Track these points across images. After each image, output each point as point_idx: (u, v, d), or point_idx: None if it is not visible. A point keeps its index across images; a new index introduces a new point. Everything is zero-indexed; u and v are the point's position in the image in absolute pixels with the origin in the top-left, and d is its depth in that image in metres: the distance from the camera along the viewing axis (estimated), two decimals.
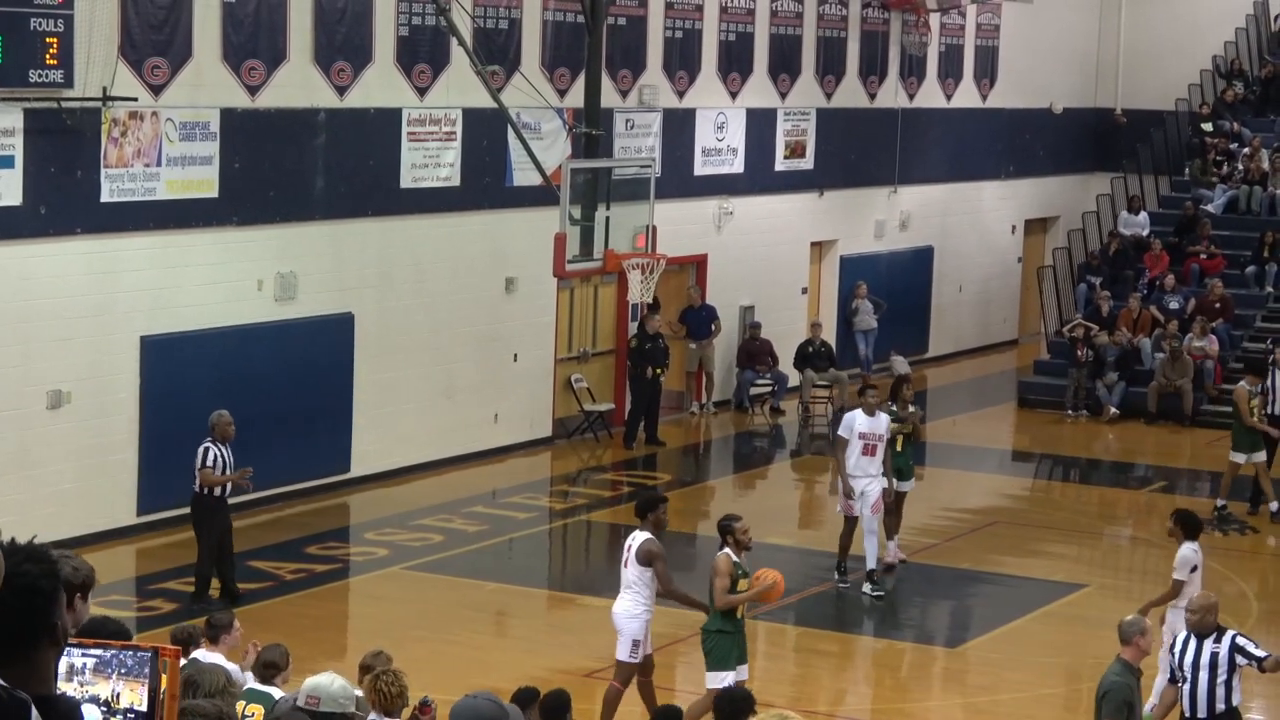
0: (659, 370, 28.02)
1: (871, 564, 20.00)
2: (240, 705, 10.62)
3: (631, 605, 15.40)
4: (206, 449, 18.95)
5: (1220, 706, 13.21)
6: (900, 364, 34.43)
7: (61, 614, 3.68)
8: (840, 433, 20.22)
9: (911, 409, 21.25)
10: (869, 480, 19.97)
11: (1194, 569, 16.07)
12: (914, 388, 21.88)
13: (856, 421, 20.00)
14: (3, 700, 3.35)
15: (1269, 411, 24.79)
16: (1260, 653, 13.33)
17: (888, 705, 17.60)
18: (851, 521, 20.21)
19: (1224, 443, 29.07)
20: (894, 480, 20.60)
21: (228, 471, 19.01)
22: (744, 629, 15.24)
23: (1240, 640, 13.34)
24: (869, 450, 19.96)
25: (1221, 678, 13.20)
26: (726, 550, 15.16)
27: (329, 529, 22.66)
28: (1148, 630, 12.93)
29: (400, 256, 24.68)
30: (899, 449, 20.81)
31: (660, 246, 23.64)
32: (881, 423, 20.08)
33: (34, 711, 3.40)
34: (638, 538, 15.47)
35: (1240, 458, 24.03)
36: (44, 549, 3.78)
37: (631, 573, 15.40)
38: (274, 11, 22.70)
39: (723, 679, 14.63)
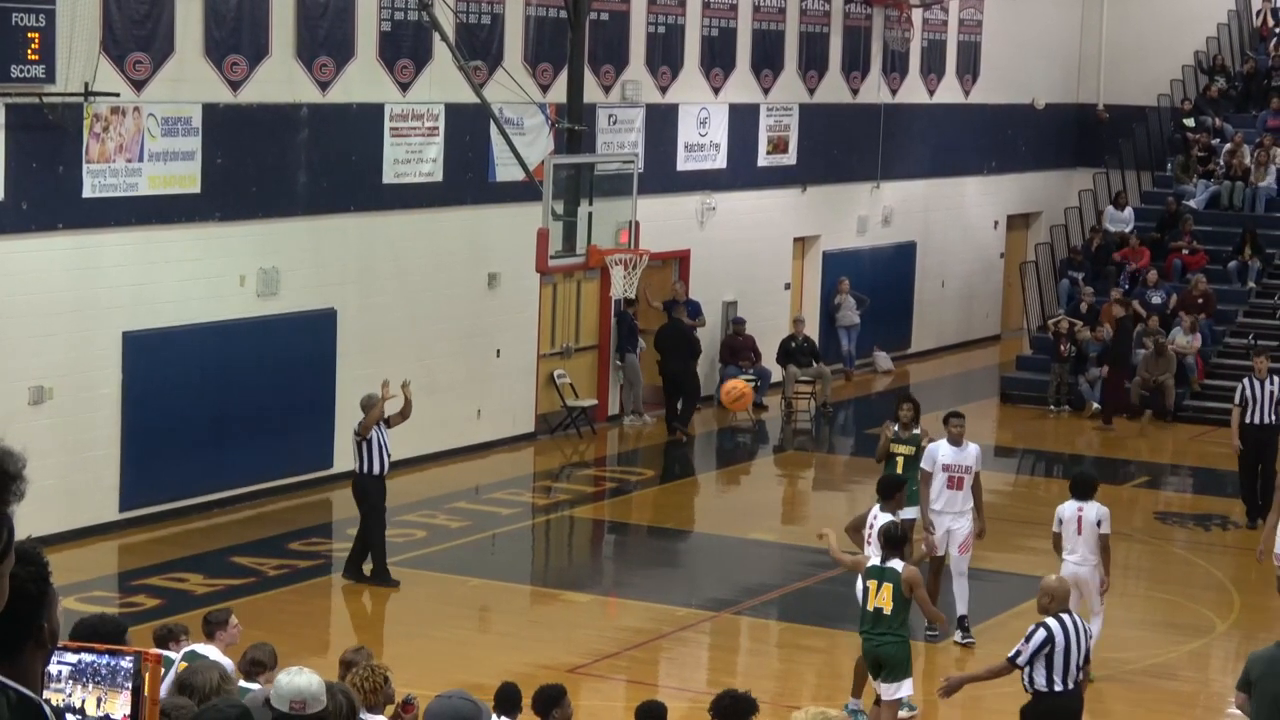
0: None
1: (962, 609, 18.45)
2: None
3: None
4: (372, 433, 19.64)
5: None
6: (883, 360, 34.49)
7: (50, 616, 3.65)
8: (923, 465, 18.56)
9: (917, 431, 19.46)
10: (954, 517, 18.43)
11: None
12: (915, 406, 19.84)
13: (940, 453, 18.45)
14: (12, 702, 3.34)
15: (1251, 421, 23.51)
16: None
17: (870, 701, 17.57)
18: (936, 562, 18.58)
19: (1206, 438, 29.17)
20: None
21: (385, 454, 19.68)
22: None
23: None
24: (955, 483, 18.37)
25: None
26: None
27: (312, 525, 22.64)
28: None
29: (383, 252, 24.66)
30: (899, 471, 18.91)
31: (643, 242, 23.65)
32: (969, 454, 18.47)
33: (49, 711, 3.37)
34: None
35: None
36: (36, 550, 3.75)
37: None
38: (256, 6, 22.67)
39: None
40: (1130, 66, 39.35)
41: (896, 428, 19.51)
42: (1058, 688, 13.50)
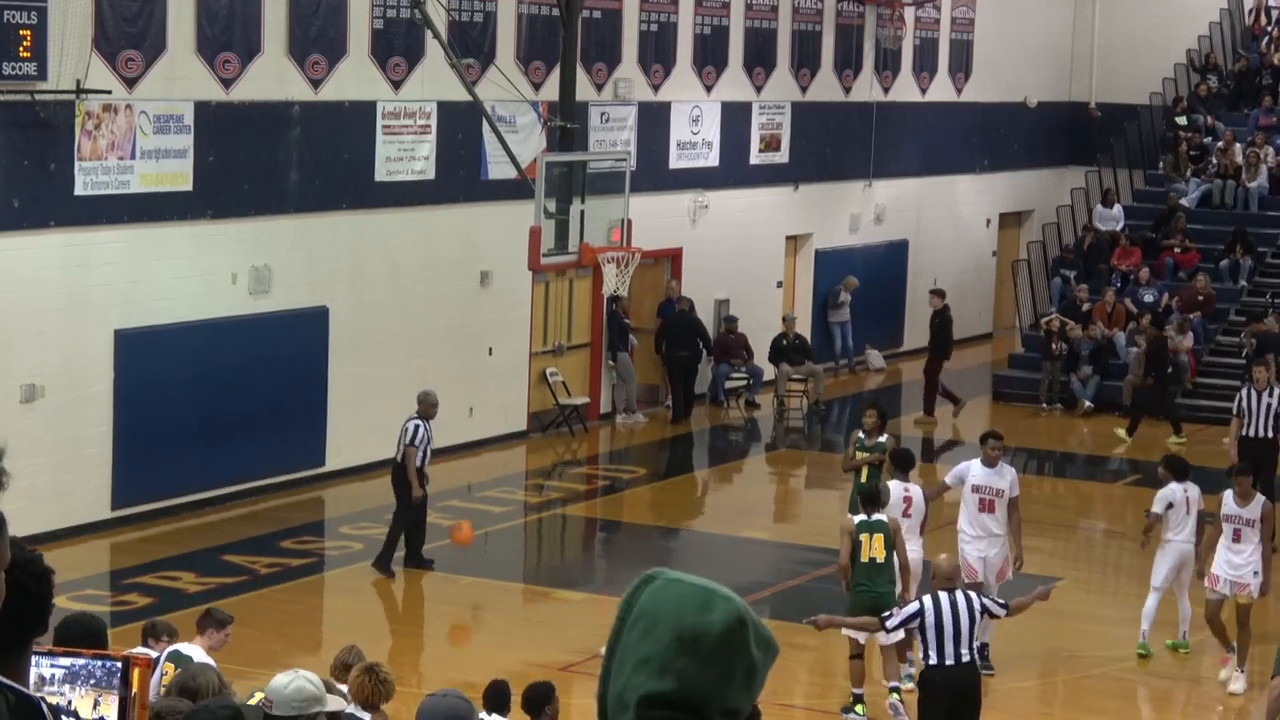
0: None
1: (985, 637, 17.16)
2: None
3: None
4: (417, 426, 20.17)
5: None
6: (875, 358, 34.52)
7: (48, 616, 3.66)
8: (947, 480, 18.07)
9: (882, 439, 19.13)
10: (989, 541, 17.57)
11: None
12: (880, 413, 19.56)
13: (970, 472, 17.59)
14: (11, 703, 3.35)
15: (1247, 434, 22.74)
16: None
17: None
18: (975, 588, 17.07)
19: (1199, 436, 29.16)
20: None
21: (428, 447, 20.21)
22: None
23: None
24: (986, 506, 17.49)
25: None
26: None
27: (304, 523, 22.63)
28: None
29: (375, 250, 24.64)
30: (864, 479, 18.71)
31: (635, 240, 23.66)
32: (1005, 477, 17.64)
33: (46, 710, 3.39)
34: None
35: None
36: (37, 555, 3.75)
37: None
38: (248, 4, 22.64)
39: None
40: (1122, 65, 39.37)
41: (862, 435, 19.31)
42: (932, 660, 13.94)
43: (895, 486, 17.08)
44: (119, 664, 4.57)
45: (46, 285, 20.63)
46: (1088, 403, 31.06)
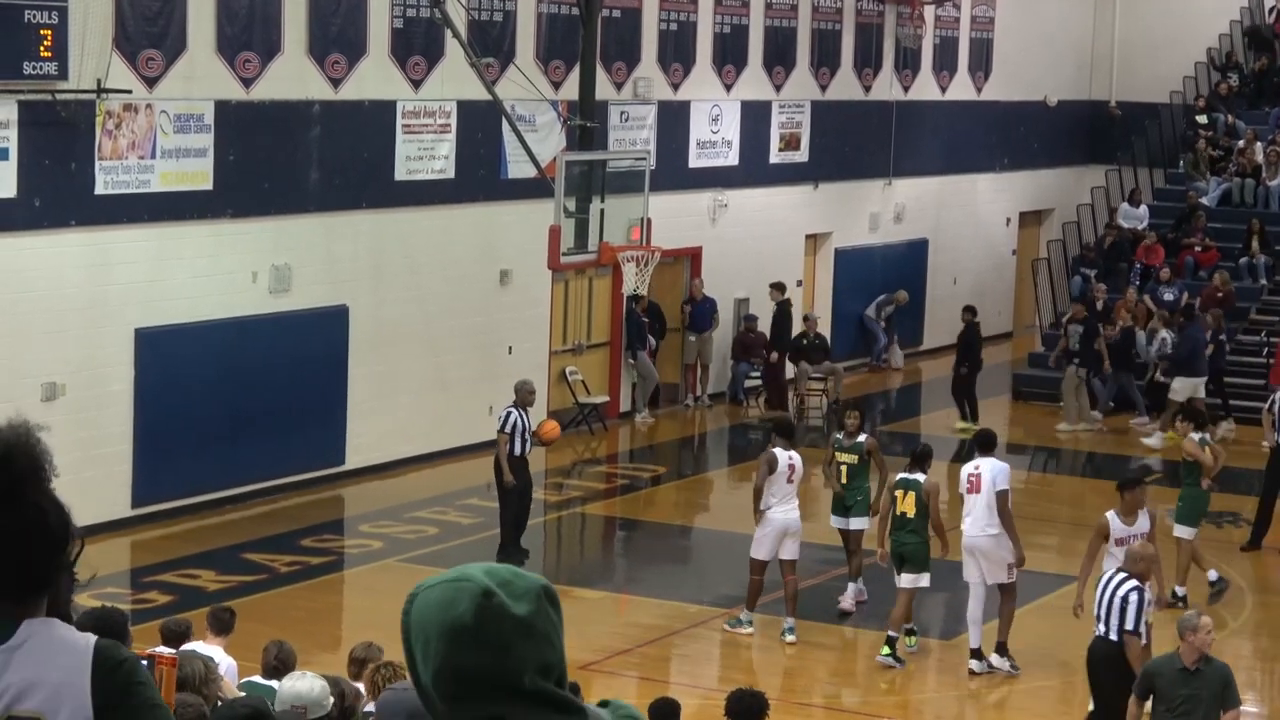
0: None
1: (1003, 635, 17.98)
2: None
3: None
4: (509, 414, 20.48)
5: None
6: (895, 357, 34.56)
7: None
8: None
9: (861, 439, 19.18)
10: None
11: None
12: (861, 414, 19.80)
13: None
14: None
15: (1276, 444, 22.14)
16: None
17: (883, 697, 17.61)
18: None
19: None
20: (847, 515, 19.31)
21: (527, 436, 20.39)
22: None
23: None
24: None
25: None
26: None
27: (323, 521, 22.67)
28: None
29: (395, 249, 24.67)
30: (844, 481, 19.16)
31: (655, 239, 23.65)
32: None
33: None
34: None
35: (1190, 532, 20.00)
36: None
37: None
38: (268, 3, 22.68)
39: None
40: (1142, 63, 39.30)
41: (841, 435, 19.43)
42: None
43: (781, 455, 18.19)
44: (143, 663, 4.58)
45: (67, 284, 20.68)
46: (1110, 401, 30.94)
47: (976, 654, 17.70)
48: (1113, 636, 14.63)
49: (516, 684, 2.99)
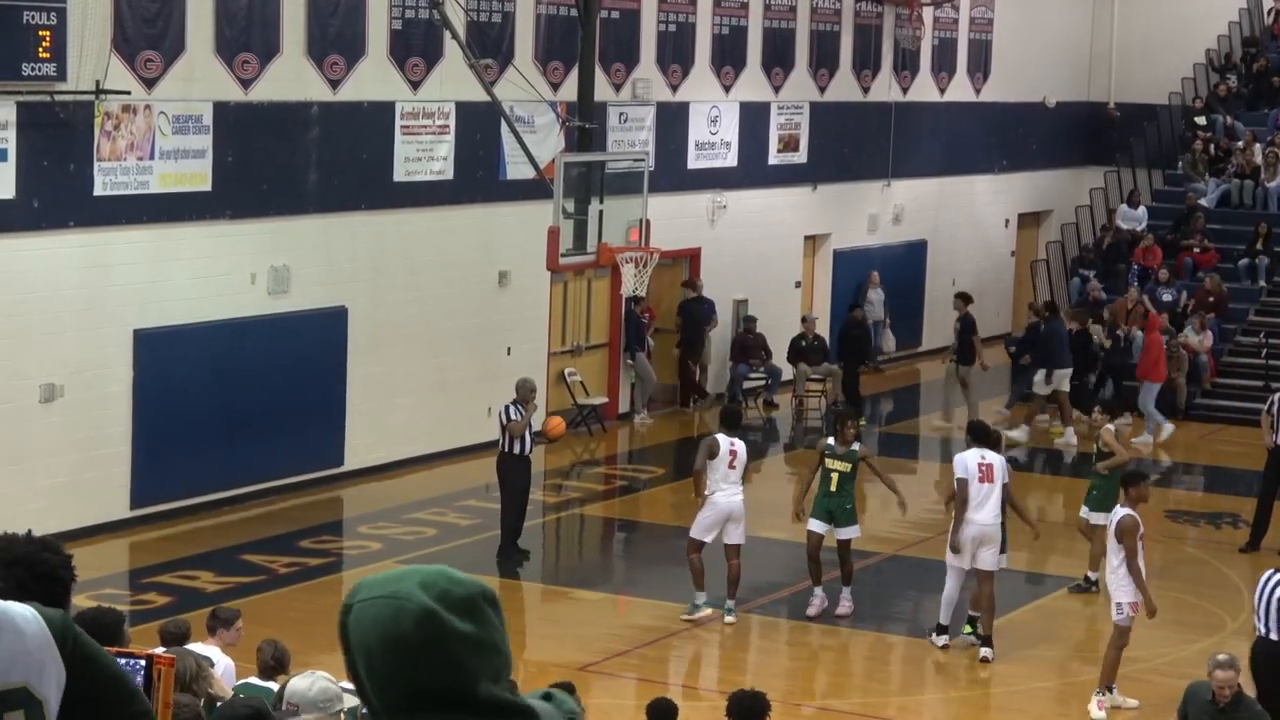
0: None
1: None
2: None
3: None
4: (507, 409, 20.67)
5: None
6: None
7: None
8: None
9: (855, 447, 19.07)
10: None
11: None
12: (857, 425, 20.02)
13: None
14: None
15: (1275, 444, 22.20)
16: None
17: (880, 699, 17.60)
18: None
19: (1218, 436, 29.15)
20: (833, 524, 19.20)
21: (528, 435, 20.75)
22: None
23: None
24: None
25: None
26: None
27: (322, 523, 22.66)
28: None
29: (393, 250, 24.67)
30: (833, 489, 19.01)
31: (653, 240, 23.64)
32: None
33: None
34: None
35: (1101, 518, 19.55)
36: (57, 542, 4.25)
37: None
38: (267, 5, 22.68)
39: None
40: (1141, 64, 39.31)
41: (834, 442, 19.21)
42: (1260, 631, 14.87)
43: (723, 440, 18.70)
44: (141, 662, 4.57)
45: (66, 285, 20.67)
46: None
47: (941, 630, 18.20)
48: (1273, 636, 14.51)
49: (471, 695, 2.99)
